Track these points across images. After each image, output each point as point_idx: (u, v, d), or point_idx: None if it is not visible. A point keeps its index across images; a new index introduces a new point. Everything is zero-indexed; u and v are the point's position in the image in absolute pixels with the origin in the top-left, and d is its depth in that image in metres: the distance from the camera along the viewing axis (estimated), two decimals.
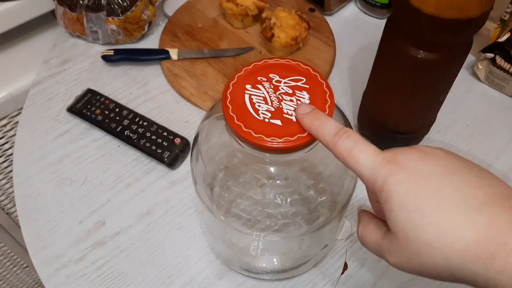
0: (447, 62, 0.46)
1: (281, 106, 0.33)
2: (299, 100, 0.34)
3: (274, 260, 0.48)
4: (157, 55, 0.66)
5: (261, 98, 0.34)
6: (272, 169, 0.37)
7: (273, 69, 0.36)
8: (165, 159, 0.56)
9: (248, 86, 0.35)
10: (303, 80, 0.35)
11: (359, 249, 0.52)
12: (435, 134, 0.61)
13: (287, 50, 0.65)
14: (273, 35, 0.63)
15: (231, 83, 0.35)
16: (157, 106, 0.64)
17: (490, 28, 0.64)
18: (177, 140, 0.58)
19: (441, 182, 0.25)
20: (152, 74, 0.67)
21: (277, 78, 0.35)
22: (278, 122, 0.33)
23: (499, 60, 0.61)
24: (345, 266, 0.51)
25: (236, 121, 0.33)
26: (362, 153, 0.28)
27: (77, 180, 0.57)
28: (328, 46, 0.69)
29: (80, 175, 0.57)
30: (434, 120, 0.58)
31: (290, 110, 0.33)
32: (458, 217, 0.24)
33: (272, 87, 0.35)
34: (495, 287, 0.23)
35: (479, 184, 0.25)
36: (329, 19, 0.73)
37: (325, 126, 0.30)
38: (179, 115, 0.63)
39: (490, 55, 0.62)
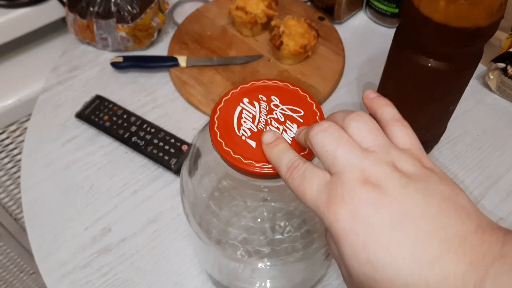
0: (457, 72, 0.45)
1: (264, 130, 0.32)
2: (285, 131, 0.32)
3: (268, 285, 0.47)
4: (166, 62, 0.66)
5: (251, 116, 0.33)
6: (262, 194, 0.37)
7: (279, 92, 0.34)
8: (172, 166, 0.56)
9: (245, 100, 0.34)
10: (301, 113, 0.33)
11: None
12: (445, 145, 0.60)
13: (295, 58, 0.65)
14: (281, 43, 0.63)
15: (231, 92, 0.34)
16: (165, 113, 0.64)
17: (502, 38, 0.64)
18: (184, 147, 0.58)
19: (392, 236, 0.23)
20: (161, 81, 0.67)
21: (277, 102, 0.34)
22: (253, 143, 0.32)
23: (510, 70, 0.60)
24: None
25: (218, 137, 0.32)
26: (308, 188, 0.26)
27: (84, 187, 0.57)
28: (337, 55, 0.68)
29: (86, 181, 0.57)
30: (444, 130, 0.57)
31: None
32: (411, 275, 0.23)
33: (267, 109, 0.34)
34: None
35: (433, 230, 0.23)
36: (338, 28, 0.73)
37: (281, 159, 0.29)
38: (187, 123, 0.63)
39: (502, 65, 0.61)
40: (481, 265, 0.22)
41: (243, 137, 0.32)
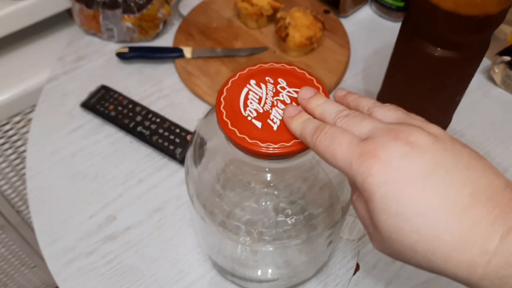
0: (465, 61, 0.45)
1: (270, 112, 0.33)
2: None
3: (270, 270, 0.47)
4: (171, 53, 0.66)
5: (257, 97, 0.33)
6: (266, 176, 0.37)
7: (286, 75, 0.34)
8: (177, 156, 0.56)
9: (252, 82, 0.34)
10: None
11: (371, 251, 0.51)
12: None
13: (301, 50, 0.65)
14: (287, 34, 0.63)
15: (238, 73, 0.35)
16: (170, 103, 0.64)
17: (507, 31, 0.64)
18: (189, 137, 0.58)
19: (423, 186, 0.24)
20: (166, 72, 0.67)
21: (284, 85, 0.34)
22: (259, 124, 0.32)
23: None
24: (357, 267, 0.50)
25: (224, 117, 0.32)
26: (338, 148, 0.27)
27: (89, 175, 0.57)
28: (343, 48, 0.68)
29: (92, 170, 0.57)
30: (450, 122, 0.57)
31: (276, 119, 0.32)
32: (440, 224, 0.23)
33: (274, 91, 0.34)
34: None
35: (463, 181, 0.24)
36: (343, 21, 0.73)
37: (306, 127, 0.30)
38: (192, 113, 0.63)
39: (507, 58, 0.61)
40: (509, 219, 0.23)
41: (249, 118, 0.32)
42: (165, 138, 0.57)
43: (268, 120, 0.32)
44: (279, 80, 0.34)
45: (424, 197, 0.24)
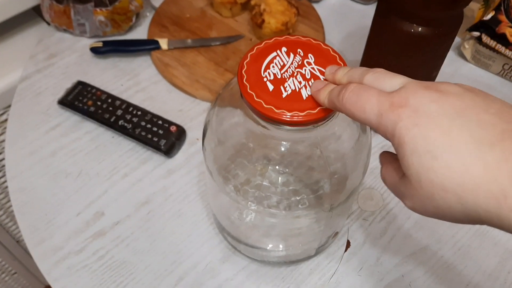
0: (440, 36, 0.47)
1: (286, 80, 0.33)
2: (305, 87, 0.33)
3: (281, 243, 0.48)
4: (147, 46, 0.66)
5: (281, 63, 0.34)
6: (280, 146, 0.38)
7: (318, 53, 0.35)
8: (162, 147, 0.56)
9: (284, 49, 0.35)
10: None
11: (360, 227, 0.52)
12: None
13: (277, 36, 0.65)
14: (263, 21, 0.63)
15: (256, 47, 0.35)
16: (149, 96, 0.63)
17: (474, 8, 0.66)
18: (173, 128, 0.57)
19: (452, 123, 0.24)
20: (142, 65, 0.67)
21: (312, 61, 0.34)
22: (271, 86, 0.33)
23: (485, 38, 0.62)
24: (348, 244, 0.51)
25: (244, 81, 0.33)
26: (368, 102, 0.27)
27: (72, 173, 0.56)
28: (317, 32, 0.69)
29: (75, 167, 0.56)
30: None
31: (289, 88, 0.33)
32: (469, 158, 0.23)
33: (300, 63, 0.34)
34: (509, 226, 0.23)
35: (494, 122, 0.24)
36: (316, 6, 0.74)
37: (332, 92, 0.31)
38: (172, 105, 0.62)
39: (476, 33, 0.63)
40: None
41: (265, 79, 0.33)
42: (148, 130, 0.57)
43: (281, 87, 0.33)
44: (309, 55, 0.35)
45: (452, 134, 0.24)
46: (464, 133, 0.24)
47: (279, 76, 0.33)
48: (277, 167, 0.40)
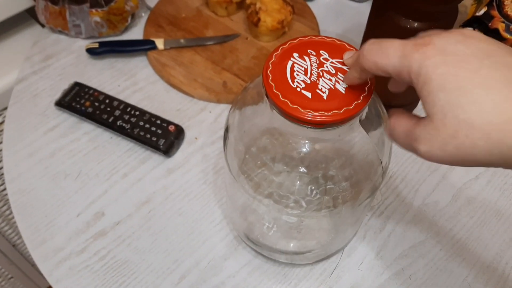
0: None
1: (317, 82, 0.33)
2: (338, 82, 0.33)
3: (290, 242, 0.48)
4: (143, 46, 0.66)
5: (303, 69, 0.34)
6: (303, 147, 0.38)
7: (327, 47, 0.35)
8: (161, 147, 0.56)
9: (295, 54, 0.35)
10: None
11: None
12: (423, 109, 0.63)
13: (273, 34, 0.66)
14: (259, 19, 0.64)
15: (280, 47, 0.35)
16: (147, 96, 0.63)
17: (467, 4, 0.67)
18: (171, 128, 0.57)
19: (482, 63, 0.25)
20: (139, 65, 0.67)
21: (326, 56, 0.35)
22: (308, 94, 0.33)
23: None
24: None
25: (274, 89, 0.33)
26: (391, 46, 0.27)
27: (72, 174, 0.56)
28: (313, 30, 0.70)
29: (74, 168, 0.56)
30: None
31: (325, 88, 0.33)
32: (499, 95, 0.24)
33: (318, 62, 0.34)
34: None
35: None
36: (310, 4, 0.74)
37: (354, 54, 0.32)
38: (170, 104, 0.62)
39: (470, 29, 0.64)
40: None
41: (298, 89, 0.33)
42: (147, 130, 0.57)
43: (317, 90, 0.33)
44: (321, 52, 0.35)
45: (482, 72, 0.24)
46: (493, 72, 0.24)
47: (308, 82, 0.33)
48: (299, 167, 0.40)
